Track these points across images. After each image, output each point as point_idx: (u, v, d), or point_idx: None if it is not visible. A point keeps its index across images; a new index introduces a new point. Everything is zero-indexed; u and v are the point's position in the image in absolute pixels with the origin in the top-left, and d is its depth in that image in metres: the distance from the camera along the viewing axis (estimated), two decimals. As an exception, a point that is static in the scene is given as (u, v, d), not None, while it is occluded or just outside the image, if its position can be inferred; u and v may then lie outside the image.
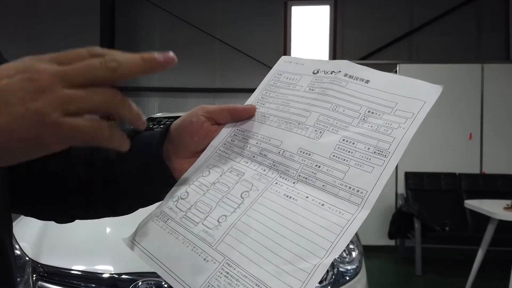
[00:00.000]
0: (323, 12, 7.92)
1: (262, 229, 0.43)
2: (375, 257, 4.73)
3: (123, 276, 1.67)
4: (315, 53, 7.90)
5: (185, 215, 0.49)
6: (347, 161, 0.45)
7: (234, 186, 0.49)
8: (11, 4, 8.43)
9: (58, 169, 0.56)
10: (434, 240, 4.43)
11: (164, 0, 8.16)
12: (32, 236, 1.87)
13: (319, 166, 0.46)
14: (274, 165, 0.49)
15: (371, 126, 0.46)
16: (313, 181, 0.45)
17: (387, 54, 7.49)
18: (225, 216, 0.46)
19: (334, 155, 0.46)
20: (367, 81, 0.50)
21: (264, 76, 0.60)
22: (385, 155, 0.43)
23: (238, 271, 0.41)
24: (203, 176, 0.52)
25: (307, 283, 0.38)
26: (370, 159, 0.44)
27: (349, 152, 0.45)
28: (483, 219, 3.59)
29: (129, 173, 0.56)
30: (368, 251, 3.30)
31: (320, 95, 0.52)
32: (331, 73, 0.53)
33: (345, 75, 0.52)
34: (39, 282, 1.70)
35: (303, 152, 0.48)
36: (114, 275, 1.68)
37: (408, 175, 5.03)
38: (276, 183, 0.47)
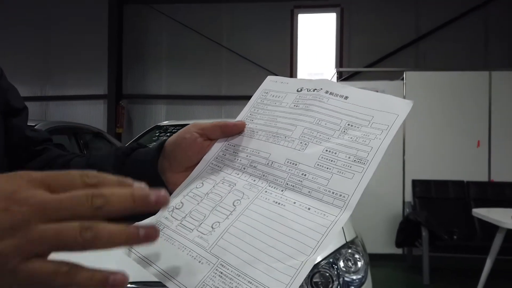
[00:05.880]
0: (330, 19, 7.94)
1: (253, 232, 0.46)
2: (382, 266, 4.69)
3: (128, 285, 1.68)
4: (321, 60, 7.91)
5: (180, 223, 0.51)
6: (330, 169, 0.49)
7: (226, 195, 0.52)
8: (20, 12, 8.55)
9: None
10: (442, 249, 4.39)
11: (171, 9, 8.23)
12: (39, 244, 1.88)
13: (305, 175, 0.50)
14: (264, 175, 0.53)
15: (351, 138, 0.51)
16: (300, 188, 0.49)
17: (394, 61, 7.48)
18: (219, 222, 0.49)
19: (318, 164, 0.50)
20: (346, 97, 0.55)
21: None
22: (364, 163, 0.48)
23: (231, 271, 0.44)
24: (197, 187, 0.55)
25: (295, 278, 0.41)
26: (350, 166, 0.48)
27: (331, 161, 0.50)
28: (491, 228, 3.56)
29: None
30: (375, 260, 3.29)
31: (304, 110, 0.57)
32: (314, 91, 0.58)
33: (326, 92, 0.57)
34: (45, 291, 1.71)
35: (290, 163, 0.52)
36: (119, 284, 1.68)
37: (415, 182, 5.00)
38: (266, 191, 0.51)
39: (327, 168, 0.49)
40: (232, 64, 8.11)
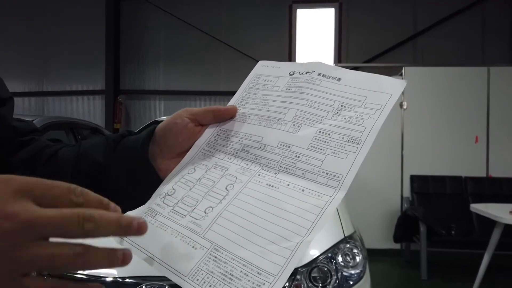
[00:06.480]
0: (328, 15, 7.92)
1: (247, 216, 0.46)
2: (380, 261, 4.70)
3: (127, 280, 1.68)
4: (320, 56, 7.89)
5: (172, 209, 0.51)
6: (323, 150, 0.49)
7: (219, 180, 0.52)
8: (17, 8, 8.50)
9: (45, 174, 0.57)
10: (439, 244, 4.40)
11: (169, 4, 8.18)
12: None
13: (298, 157, 0.50)
14: (256, 159, 0.52)
15: (344, 118, 0.50)
16: (293, 170, 0.49)
17: (392, 57, 7.47)
18: (211, 207, 0.48)
19: (311, 146, 0.50)
20: (339, 79, 0.55)
21: None
22: (358, 143, 0.48)
23: (226, 255, 0.43)
24: (188, 173, 0.54)
25: (290, 260, 0.41)
26: (344, 147, 0.48)
27: (325, 142, 0.49)
28: (489, 223, 3.57)
29: (116, 175, 0.57)
30: (373, 255, 3.29)
31: (296, 93, 0.56)
32: (306, 73, 0.58)
33: (319, 74, 0.56)
34: (44, 286, 1.70)
35: (283, 145, 0.51)
36: (118, 278, 1.68)
37: (413, 178, 5.01)
38: (259, 174, 0.50)
39: (321, 149, 0.49)
40: (231, 59, 8.08)
